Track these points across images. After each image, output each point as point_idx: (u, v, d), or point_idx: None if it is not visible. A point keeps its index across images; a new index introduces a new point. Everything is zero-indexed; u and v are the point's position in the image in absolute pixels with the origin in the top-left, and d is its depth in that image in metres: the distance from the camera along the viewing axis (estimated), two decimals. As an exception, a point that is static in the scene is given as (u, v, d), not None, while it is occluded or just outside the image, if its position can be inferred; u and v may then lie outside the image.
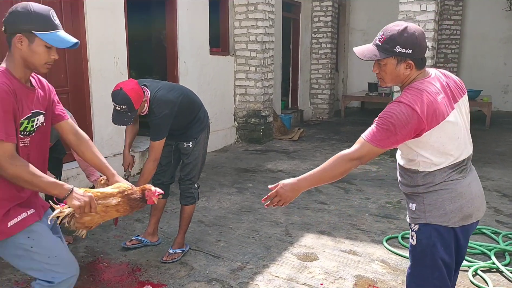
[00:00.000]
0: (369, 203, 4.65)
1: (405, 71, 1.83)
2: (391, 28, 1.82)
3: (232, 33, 7.57)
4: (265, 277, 3.13)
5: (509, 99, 11.45)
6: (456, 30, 11.52)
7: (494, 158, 6.61)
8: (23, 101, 1.80)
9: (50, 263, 1.89)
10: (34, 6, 1.80)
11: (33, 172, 1.75)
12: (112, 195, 2.00)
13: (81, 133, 2.14)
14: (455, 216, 1.84)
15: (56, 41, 1.81)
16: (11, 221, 1.81)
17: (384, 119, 1.76)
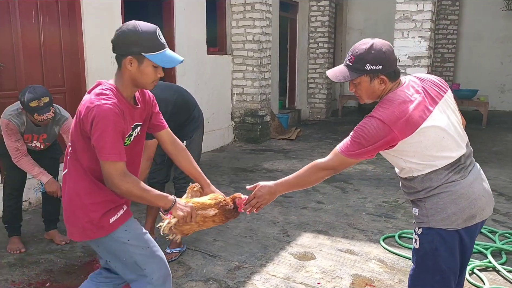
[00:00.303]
0: (366, 202, 4.66)
1: (379, 86, 1.86)
2: (359, 47, 1.85)
3: (229, 33, 7.57)
4: (262, 276, 3.13)
5: (505, 99, 11.49)
6: (453, 30, 11.55)
7: (491, 157, 6.64)
8: (127, 119, 1.88)
9: (144, 255, 1.98)
10: (142, 26, 1.83)
11: (143, 187, 1.86)
12: (210, 206, 2.09)
13: (178, 143, 2.22)
14: (458, 218, 1.83)
15: (164, 61, 1.85)
16: (112, 217, 1.93)
17: (356, 132, 1.84)
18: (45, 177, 3.31)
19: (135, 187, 1.83)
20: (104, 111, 1.76)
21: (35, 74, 4.57)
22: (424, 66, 6.35)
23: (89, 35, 4.91)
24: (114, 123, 1.77)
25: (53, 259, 3.36)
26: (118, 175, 1.80)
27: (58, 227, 3.72)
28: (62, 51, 4.79)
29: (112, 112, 1.77)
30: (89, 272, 3.17)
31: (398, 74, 1.88)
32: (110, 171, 1.79)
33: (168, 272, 2.06)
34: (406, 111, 1.77)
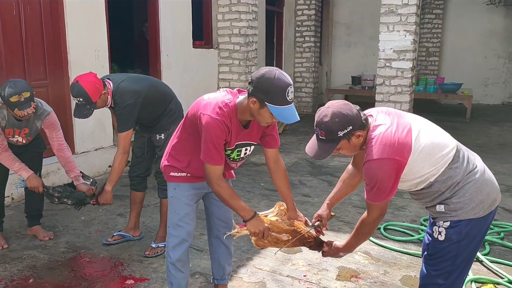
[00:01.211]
0: (352, 195, 4.67)
1: (358, 140, 1.93)
2: (322, 121, 1.89)
3: (215, 26, 7.52)
4: (249, 269, 3.13)
5: (489, 92, 11.64)
6: (438, 24, 11.64)
7: (474, 149, 6.61)
8: (232, 137, 2.15)
9: (172, 217, 2.39)
10: (277, 78, 1.96)
11: (231, 194, 2.18)
12: (285, 231, 2.23)
13: (280, 163, 2.38)
14: (485, 204, 1.92)
15: (281, 116, 2.00)
16: (172, 172, 2.36)
17: (370, 183, 1.89)
18: (26, 173, 3.26)
19: (225, 192, 2.16)
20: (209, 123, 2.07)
21: (16, 68, 4.48)
22: (409, 59, 6.39)
23: (72, 28, 4.83)
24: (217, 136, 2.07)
25: (36, 255, 3.31)
26: (215, 176, 2.14)
27: (42, 223, 3.67)
28: (44, 44, 4.71)
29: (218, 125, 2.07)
30: (73, 268, 3.14)
31: (366, 120, 1.94)
32: (209, 172, 2.14)
33: (186, 238, 2.39)
34: (394, 137, 1.86)
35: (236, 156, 2.28)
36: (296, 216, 2.35)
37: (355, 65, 12.13)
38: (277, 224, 2.23)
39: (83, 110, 2.94)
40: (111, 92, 3.03)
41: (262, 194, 4.70)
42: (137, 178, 3.44)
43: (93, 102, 2.92)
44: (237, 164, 2.39)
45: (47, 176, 4.64)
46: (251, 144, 2.28)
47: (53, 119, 3.32)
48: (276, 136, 2.33)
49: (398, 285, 2.96)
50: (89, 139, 5.16)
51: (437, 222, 1.98)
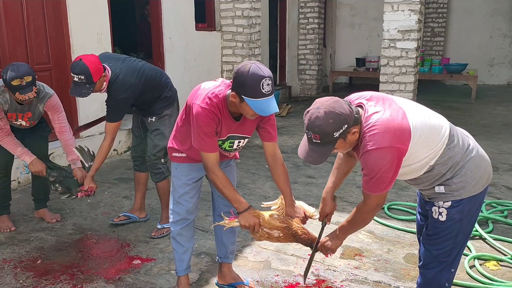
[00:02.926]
0: (356, 175, 4.69)
1: (354, 136, 1.85)
2: (315, 124, 1.78)
3: (218, 8, 7.45)
4: (254, 249, 3.16)
5: (494, 73, 11.53)
6: (443, 4, 11.48)
7: (479, 130, 6.69)
8: (223, 128, 2.20)
9: (173, 195, 2.50)
10: (251, 72, 2.00)
11: (225, 184, 2.22)
12: (277, 228, 2.25)
13: (278, 158, 2.37)
14: (483, 179, 1.94)
15: (258, 109, 2.04)
16: (175, 153, 2.45)
17: (372, 171, 1.82)
18: (29, 157, 3.28)
19: (218, 181, 2.21)
20: (198, 112, 2.14)
21: (19, 52, 4.48)
22: (414, 39, 6.32)
23: (73, 11, 4.81)
24: (204, 124, 2.13)
25: (44, 236, 3.36)
26: (210, 164, 2.20)
27: (48, 206, 3.71)
28: (46, 28, 4.69)
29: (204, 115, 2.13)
30: (80, 249, 3.19)
31: (358, 112, 1.85)
32: (204, 159, 2.21)
33: (185, 215, 2.47)
34: (392, 124, 1.79)
35: (228, 147, 2.33)
36: (293, 212, 2.33)
37: (359, 47, 12.02)
38: (269, 221, 2.25)
39: (82, 89, 2.93)
40: (108, 80, 3.03)
41: (266, 175, 4.72)
42: (139, 158, 3.46)
43: (93, 82, 2.91)
44: (230, 154, 2.43)
45: (53, 159, 4.68)
46: (244, 137, 2.33)
47: (55, 101, 3.33)
48: (271, 130, 2.32)
49: (401, 263, 2.99)
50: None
51: (436, 202, 1.95)
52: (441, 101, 8.92)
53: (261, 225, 2.23)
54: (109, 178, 4.66)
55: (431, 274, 2.04)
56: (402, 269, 2.91)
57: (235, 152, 2.46)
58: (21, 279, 2.79)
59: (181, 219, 2.50)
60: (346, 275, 2.86)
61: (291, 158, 5.35)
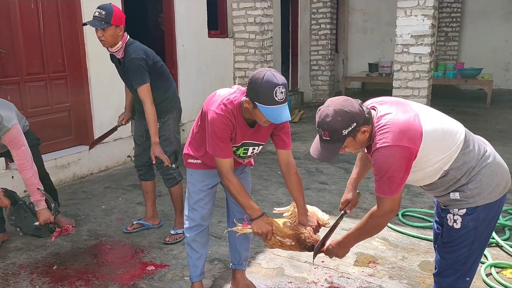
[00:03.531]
0: (370, 182, 4.66)
1: (364, 136, 1.86)
2: (324, 121, 1.81)
3: (230, 15, 7.50)
4: (267, 256, 3.16)
5: (510, 77, 11.37)
6: (457, 8, 11.39)
7: (495, 135, 6.60)
8: (237, 134, 2.22)
9: (188, 201, 2.51)
10: (265, 79, 2.01)
11: (238, 190, 2.23)
12: (289, 236, 2.24)
13: (292, 166, 2.36)
14: (500, 187, 1.90)
15: (270, 116, 2.04)
16: (190, 159, 2.48)
17: (382, 171, 1.81)
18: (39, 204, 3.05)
19: (232, 187, 2.22)
20: (213, 118, 2.16)
21: (35, 60, 4.56)
22: (427, 44, 6.28)
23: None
24: (220, 131, 2.15)
25: (60, 242, 3.40)
26: (224, 170, 2.22)
27: (63, 212, 3.75)
28: (61, 36, 4.77)
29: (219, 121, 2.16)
30: (95, 255, 3.22)
31: (370, 113, 1.87)
32: (219, 165, 2.23)
33: (199, 221, 2.49)
34: (404, 124, 1.79)
35: (243, 154, 2.35)
36: (306, 221, 2.31)
37: (372, 52, 11.97)
38: (281, 229, 2.24)
39: (96, 22, 2.99)
40: (124, 41, 3.09)
41: (279, 182, 4.72)
42: (143, 168, 3.47)
43: (110, 23, 2.97)
44: (244, 160, 2.44)
45: (68, 167, 4.75)
46: (258, 144, 2.34)
47: (13, 136, 2.96)
48: (285, 137, 2.33)
49: (416, 270, 2.96)
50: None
51: (451, 209, 1.93)
52: (455, 107, 8.83)
53: (273, 232, 2.23)
54: (123, 184, 4.70)
55: (446, 283, 2.01)
56: (417, 276, 2.88)
57: (250, 158, 2.47)
58: (37, 285, 2.83)
59: (195, 225, 2.51)
60: (360, 282, 2.84)
61: (303, 164, 5.34)
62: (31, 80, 4.53)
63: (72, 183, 4.74)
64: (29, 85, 4.52)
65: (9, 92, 4.34)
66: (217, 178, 2.44)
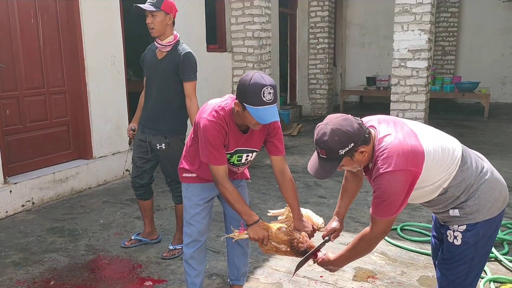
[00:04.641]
0: (368, 196, 4.66)
1: (362, 156, 1.84)
2: (321, 140, 1.81)
3: (228, 30, 7.57)
4: (265, 270, 3.14)
5: (507, 91, 11.46)
6: (453, 22, 11.51)
7: (493, 148, 6.62)
8: (230, 140, 2.22)
9: (186, 216, 2.50)
10: (253, 80, 2.04)
11: (236, 197, 2.22)
12: (284, 242, 2.24)
13: (286, 173, 2.37)
14: (499, 202, 1.90)
15: (258, 117, 2.05)
16: (185, 174, 2.47)
17: (382, 194, 1.79)
18: None
19: (228, 194, 2.22)
20: (205, 125, 2.17)
21: (35, 75, 4.59)
22: (424, 59, 6.34)
23: (88, 34, 4.92)
24: (212, 137, 2.16)
25: (57, 257, 3.38)
26: (218, 176, 2.21)
27: (61, 226, 3.72)
28: (61, 51, 4.81)
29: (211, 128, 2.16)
30: (93, 270, 3.20)
31: (370, 136, 1.84)
32: (214, 172, 2.23)
33: (196, 236, 2.46)
34: (406, 147, 1.78)
35: (236, 161, 2.34)
36: (301, 226, 2.31)
37: (369, 66, 12.07)
38: (277, 235, 2.24)
39: (147, 5, 3.04)
40: (177, 38, 3.16)
41: (277, 195, 4.71)
42: (141, 188, 3.40)
43: (160, 7, 3.01)
44: (238, 169, 2.43)
45: (66, 181, 4.74)
46: (252, 150, 2.34)
47: None
48: (278, 143, 2.34)
49: (415, 285, 2.94)
50: (107, 144, 5.24)
51: (451, 226, 1.93)
52: (453, 120, 8.87)
53: (269, 238, 2.23)
54: (122, 199, 4.69)
55: None
56: (416, 291, 2.87)
57: (244, 166, 2.45)
58: (34, 301, 2.80)
59: (192, 240, 2.49)
60: (359, 297, 2.82)
61: (301, 178, 5.34)
62: (30, 94, 4.55)
63: (70, 197, 4.73)
64: (28, 100, 4.54)
65: (8, 106, 4.36)
66: (213, 191, 2.44)
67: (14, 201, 4.22)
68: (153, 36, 3.13)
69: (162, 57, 3.17)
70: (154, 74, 3.21)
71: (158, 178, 3.94)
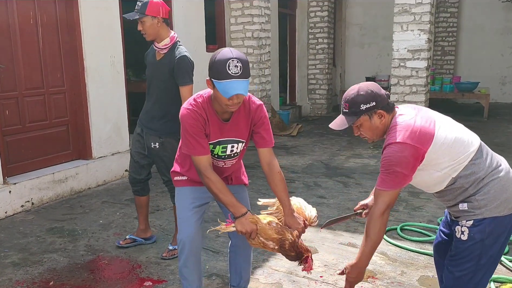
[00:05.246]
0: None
1: (380, 121, 1.98)
2: (348, 94, 1.99)
3: (228, 30, 7.57)
4: (265, 271, 3.14)
5: (506, 91, 11.46)
6: (453, 23, 11.53)
7: (493, 148, 6.49)
8: (211, 129, 2.14)
9: (177, 222, 2.38)
10: (220, 54, 1.98)
11: (221, 188, 2.12)
12: (273, 239, 2.14)
13: (274, 165, 2.25)
14: (510, 203, 1.90)
15: (223, 91, 1.96)
16: (177, 177, 2.41)
17: (387, 164, 1.90)
18: None
19: (214, 185, 2.11)
20: (183, 114, 2.12)
21: (34, 75, 4.58)
22: (424, 59, 6.34)
23: (87, 35, 4.92)
24: (190, 126, 2.09)
25: (56, 258, 3.37)
26: (200, 167, 2.13)
27: (61, 226, 3.71)
28: (61, 51, 4.80)
29: (188, 116, 2.10)
30: (92, 270, 3.19)
31: (393, 106, 2.00)
32: (196, 163, 2.15)
33: (186, 241, 2.30)
34: (417, 126, 1.89)
35: (221, 152, 2.24)
36: (293, 222, 2.21)
37: (369, 66, 12.07)
38: (266, 230, 2.14)
39: (133, 13, 3.04)
40: (173, 40, 3.11)
41: (277, 196, 4.70)
42: (139, 184, 3.40)
43: (144, 13, 2.99)
44: (225, 162, 2.30)
45: (65, 181, 4.74)
46: (237, 141, 2.23)
47: None
48: (265, 134, 2.23)
49: (415, 285, 2.94)
50: (106, 144, 5.24)
51: (460, 221, 1.95)
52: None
53: (257, 233, 2.12)
54: (121, 199, 4.69)
55: None
56: (416, 291, 2.87)
57: (231, 160, 2.31)
58: (33, 301, 2.79)
59: (183, 247, 2.32)
60: (359, 297, 2.81)
61: (302, 178, 5.34)
62: (30, 95, 4.54)
63: (70, 197, 4.73)
64: (28, 100, 4.54)
65: (8, 107, 4.35)
66: (205, 195, 2.31)
67: (14, 201, 4.22)
68: (148, 40, 3.14)
69: (160, 58, 3.17)
70: (154, 75, 3.22)
71: (157, 178, 3.93)
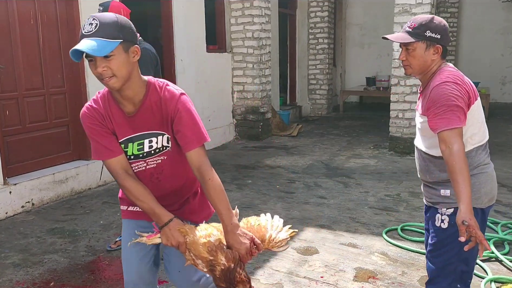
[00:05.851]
0: (368, 196, 4.66)
1: (432, 57, 1.94)
2: (421, 17, 1.96)
3: (228, 30, 7.57)
4: (266, 271, 3.13)
5: (506, 91, 11.46)
6: (453, 23, 11.52)
7: (493, 149, 6.56)
8: (115, 124, 1.78)
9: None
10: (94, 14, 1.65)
11: (137, 194, 1.76)
12: (202, 259, 1.73)
13: (204, 170, 1.76)
14: (486, 198, 1.96)
15: (72, 52, 1.62)
16: (121, 205, 2.05)
17: (447, 100, 1.83)
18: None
19: (128, 192, 1.78)
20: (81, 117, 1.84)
21: (34, 75, 4.58)
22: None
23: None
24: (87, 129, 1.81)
25: (57, 258, 3.37)
26: (114, 173, 1.81)
27: (62, 227, 3.71)
28: (61, 52, 4.80)
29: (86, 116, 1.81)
30: (93, 271, 3.19)
31: (447, 54, 2.00)
32: (107, 169, 1.85)
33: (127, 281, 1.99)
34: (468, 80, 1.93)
35: (137, 151, 1.80)
36: (233, 241, 1.72)
37: (369, 66, 12.07)
38: (196, 246, 1.72)
39: None
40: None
41: (278, 196, 4.71)
42: None
43: None
44: (146, 162, 1.83)
45: (66, 181, 4.73)
46: (154, 134, 1.79)
47: None
48: (187, 132, 1.75)
49: (416, 285, 2.94)
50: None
51: (440, 209, 1.99)
52: (453, 120, 8.85)
53: (187, 247, 1.73)
54: (121, 199, 4.69)
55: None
56: (417, 292, 2.87)
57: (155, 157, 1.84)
58: (34, 302, 2.79)
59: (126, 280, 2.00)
60: (359, 298, 2.81)
61: (302, 178, 5.34)
62: (30, 95, 4.54)
63: (70, 198, 4.73)
64: (28, 100, 4.53)
65: (8, 107, 4.35)
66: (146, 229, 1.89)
67: (14, 202, 4.21)
68: None
69: None
70: None
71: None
